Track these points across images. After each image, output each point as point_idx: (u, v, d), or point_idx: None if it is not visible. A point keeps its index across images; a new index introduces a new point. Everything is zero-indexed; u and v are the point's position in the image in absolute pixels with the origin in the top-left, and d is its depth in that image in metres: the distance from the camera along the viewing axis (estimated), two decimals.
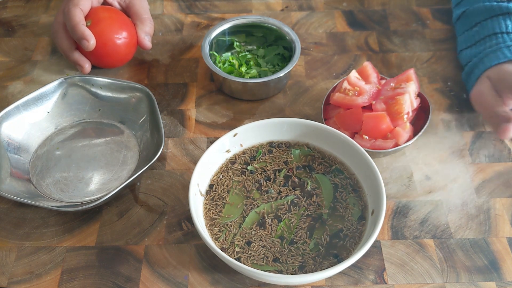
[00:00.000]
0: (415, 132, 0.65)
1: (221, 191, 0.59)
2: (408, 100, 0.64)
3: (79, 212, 0.61)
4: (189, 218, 0.61)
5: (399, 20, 0.85)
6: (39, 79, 0.76)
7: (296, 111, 0.72)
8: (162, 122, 0.65)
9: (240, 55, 0.77)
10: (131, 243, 0.59)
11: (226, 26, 0.76)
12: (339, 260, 0.53)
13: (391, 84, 0.67)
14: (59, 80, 0.68)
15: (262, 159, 0.62)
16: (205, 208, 0.57)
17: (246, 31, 0.78)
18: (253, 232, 0.55)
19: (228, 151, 0.61)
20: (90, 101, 0.70)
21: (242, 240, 0.55)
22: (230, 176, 0.60)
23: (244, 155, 0.62)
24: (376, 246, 0.58)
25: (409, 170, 0.65)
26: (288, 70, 0.70)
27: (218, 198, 0.58)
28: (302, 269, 0.52)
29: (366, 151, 0.59)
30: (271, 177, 0.60)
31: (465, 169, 0.65)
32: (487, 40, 0.68)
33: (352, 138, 0.61)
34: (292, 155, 0.62)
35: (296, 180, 0.59)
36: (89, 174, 0.64)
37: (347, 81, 0.67)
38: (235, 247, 0.54)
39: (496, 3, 0.68)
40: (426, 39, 0.81)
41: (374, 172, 0.56)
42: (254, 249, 0.54)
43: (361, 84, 0.67)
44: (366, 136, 0.63)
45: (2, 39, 0.83)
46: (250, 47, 0.79)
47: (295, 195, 0.58)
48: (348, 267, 0.51)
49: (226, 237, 0.55)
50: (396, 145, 0.62)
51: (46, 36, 0.83)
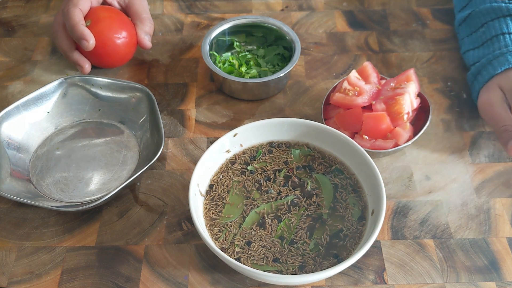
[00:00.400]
0: (415, 132, 0.65)
1: (221, 191, 0.59)
2: (408, 100, 0.64)
3: (79, 212, 0.61)
4: (189, 218, 0.61)
5: (399, 20, 0.85)
6: (39, 79, 0.76)
7: (296, 111, 0.72)
8: (162, 122, 0.65)
9: (240, 55, 0.77)
10: (131, 243, 0.59)
11: (226, 26, 0.76)
12: (339, 260, 0.53)
13: (391, 84, 0.67)
14: (59, 80, 0.68)
15: (262, 159, 0.62)
16: (205, 208, 0.57)
17: (246, 31, 0.78)
18: (253, 232, 0.55)
19: (228, 151, 0.61)
20: (90, 101, 0.70)
21: (242, 240, 0.55)
22: (230, 176, 0.60)
23: (244, 155, 0.62)
24: (376, 246, 0.58)
25: (409, 170, 0.65)
26: (288, 70, 0.70)
27: (218, 198, 0.58)
28: (302, 269, 0.52)
29: (366, 151, 0.59)
30: (271, 177, 0.60)
31: (465, 169, 0.65)
32: (494, 41, 0.67)
33: (352, 138, 0.61)
34: (292, 155, 0.62)
35: (296, 180, 0.59)
36: (89, 174, 0.64)
37: (347, 81, 0.67)
38: (235, 247, 0.54)
39: (504, 4, 0.68)
40: (426, 39, 0.81)
41: (374, 172, 0.56)
42: (254, 249, 0.54)
43: (361, 84, 0.67)
44: (366, 136, 0.63)
45: (2, 39, 0.83)
46: (250, 47, 0.79)
47: (295, 195, 0.58)
48: (348, 267, 0.51)
49: (226, 237, 0.55)
50: (396, 145, 0.62)
51: (46, 36, 0.83)
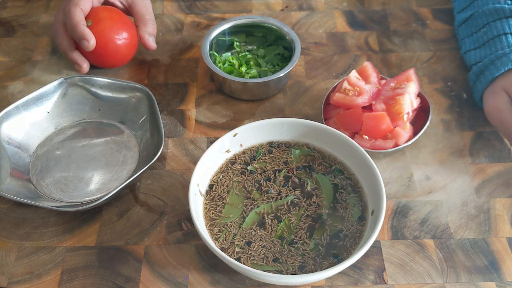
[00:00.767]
0: (415, 132, 0.65)
1: (221, 191, 0.59)
2: (408, 100, 0.64)
3: (79, 212, 0.61)
4: (189, 218, 0.61)
5: (399, 20, 0.85)
6: (39, 79, 0.76)
7: (296, 111, 0.72)
8: (162, 122, 0.65)
9: (240, 55, 0.77)
10: (131, 243, 0.59)
11: (226, 26, 0.76)
12: (339, 260, 0.53)
13: (391, 84, 0.67)
14: (59, 80, 0.68)
15: (262, 159, 0.62)
16: (205, 208, 0.57)
17: (246, 31, 0.78)
18: (253, 232, 0.55)
19: (228, 151, 0.61)
20: (90, 101, 0.70)
21: (242, 240, 0.55)
22: (230, 176, 0.60)
23: (244, 155, 0.62)
24: (376, 246, 0.58)
25: (409, 170, 0.65)
26: (288, 70, 0.70)
27: (218, 199, 0.58)
28: (302, 269, 0.52)
29: (366, 151, 0.59)
30: (271, 177, 0.60)
31: (465, 169, 0.65)
32: (496, 41, 0.67)
33: (352, 138, 0.61)
34: (292, 155, 0.62)
35: (296, 180, 0.59)
36: (89, 174, 0.64)
37: (347, 81, 0.67)
38: (235, 247, 0.54)
39: (507, 6, 0.68)
40: (426, 39, 0.81)
41: (374, 172, 0.56)
42: (254, 249, 0.54)
43: (361, 84, 0.67)
44: (366, 136, 0.63)
45: (2, 39, 0.83)
46: (250, 47, 0.79)
47: (295, 195, 0.58)
48: (348, 267, 0.51)
49: (226, 237, 0.55)
50: (396, 145, 0.62)
51: (46, 36, 0.83)
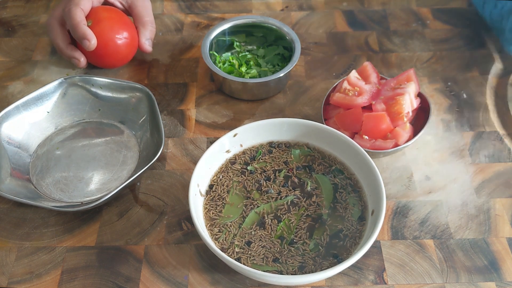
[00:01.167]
0: (415, 132, 0.65)
1: (221, 191, 0.59)
2: (408, 100, 0.64)
3: (79, 212, 0.61)
4: (189, 218, 0.61)
5: (399, 20, 0.85)
6: (39, 79, 0.76)
7: (296, 111, 0.72)
8: (162, 122, 0.65)
9: (240, 55, 0.77)
10: (131, 243, 0.59)
11: (226, 26, 0.76)
12: (339, 260, 0.53)
13: (391, 84, 0.67)
14: (59, 80, 0.68)
15: (262, 159, 0.62)
16: (205, 208, 0.57)
17: (246, 31, 0.78)
18: (253, 232, 0.55)
19: (228, 151, 0.61)
20: (90, 101, 0.70)
21: (242, 240, 0.55)
22: (230, 176, 0.60)
23: (244, 155, 0.62)
24: (376, 246, 0.58)
25: (409, 170, 0.65)
26: (288, 70, 0.70)
27: (218, 199, 0.58)
28: (302, 269, 0.52)
29: (366, 151, 0.59)
30: (271, 177, 0.60)
31: (465, 169, 0.65)
32: None
33: (352, 138, 0.61)
34: (292, 155, 0.62)
35: (296, 180, 0.59)
36: (89, 174, 0.64)
37: (347, 81, 0.67)
38: (235, 248, 0.54)
39: None
40: (426, 39, 0.81)
41: (374, 172, 0.56)
42: (254, 249, 0.54)
43: (361, 84, 0.67)
44: (366, 136, 0.63)
45: (2, 39, 0.83)
46: (250, 47, 0.79)
47: (295, 195, 0.58)
48: (348, 268, 0.51)
49: (226, 237, 0.55)
50: (396, 145, 0.62)
51: (46, 36, 0.83)
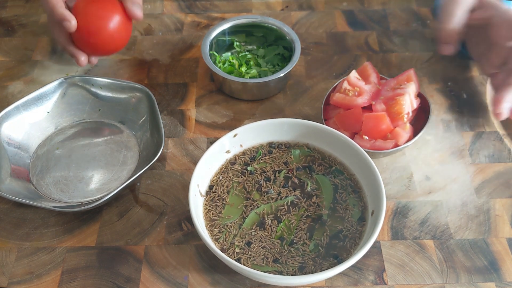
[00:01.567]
0: (415, 132, 0.65)
1: (221, 192, 0.59)
2: (408, 100, 0.64)
3: (79, 213, 0.61)
4: (189, 218, 0.61)
5: (399, 20, 0.84)
6: (39, 79, 0.76)
7: (296, 111, 0.72)
8: (162, 122, 0.65)
9: (240, 55, 0.77)
10: (131, 243, 0.59)
11: (226, 26, 0.76)
12: (339, 261, 0.53)
13: (391, 84, 0.67)
14: (59, 80, 0.68)
15: (262, 159, 0.62)
16: (205, 209, 0.57)
17: (246, 31, 0.78)
18: (253, 233, 0.55)
19: (228, 152, 0.61)
20: (90, 101, 0.70)
21: (242, 241, 0.55)
22: (230, 177, 0.60)
23: (244, 156, 0.62)
24: (376, 246, 0.58)
25: (409, 171, 0.65)
26: (288, 70, 0.70)
27: (218, 199, 0.58)
28: (302, 270, 0.52)
29: (366, 151, 0.59)
30: (271, 178, 0.60)
31: (465, 169, 0.65)
32: None
33: (352, 139, 0.61)
34: (292, 156, 0.62)
35: (296, 180, 0.59)
36: (89, 174, 0.64)
37: (347, 81, 0.67)
38: (235, 248, 0.54)
39: None
40: (426, 39, 0.81)
41: (374, 173, 0.56)
42: (254, 249, 0.54)
43: (361, 84, 0.67)
44: (366, 137, 0.63)
45: (2, 39, 0.83)
46: (250, 47, 0.79)
47: (295, 195, 0.58)
48: (348, 268, 0.51)
49: (226, 238, 0.55)
50: (396, 145, 0.62)
51: (46, 36, 0.83)
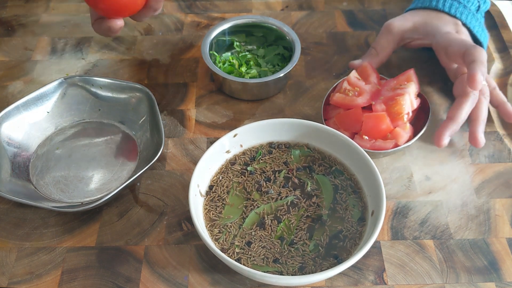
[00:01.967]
0: (415, 132, 0.65)
1: (221, 192, 0.59)
2: (408, 100, 0.64)
3: (79, 213, 0.61)
4: (189, 219, 0.61)
5: None
6: (39, 79, 0.76)
7: (296, 111, 0.72)
8: (162, 122, 0.65)
9: (240, 55, 0.77)
10: (131, 244, 0.59)
11: (226, 26, 0.76)
12: (339, 261, 0.53)
13: (391, 84, 0.67)
14: (59, 80, 0.68)
15: (262, 159, 0.62)
16: (205, 209, 0.57)
17: (246, 31, 0.78)
18: (253, 233, 0.55)
19: (228, 152, 0.61)
20: (90, 101, 0.70)
21: (242, 241, 0.55)
22: (230, 177, 0.60)
23: (244, 156, 0.62)
24: (376, 246, 0.58)
25: (409, 171, 0.65)
26: (288, 70, 0.70)
27: (218, 199, 0.58)
28: (302, 270, 0.52)
29: (366, 151, 0.59)
30: (271, 178, 0.60)
31: (465, 169, 0.65)
32: None
33: (352, 139, 0.61)
34: (292, 156, 0.62)
35: (296, 181, 0.59)
36: (89, 174, 0.64)
37: (347, 81, 0.67)
38: (235, 248, 0.54)
39: None
40: None
41: (374, 173, 0.56)
42: (254, 249, 0.54)
43: (361, 84, 0.67)
44: (366, 137, 0.63)
45: (2, 38, 0.83)
46: (250, 47, 0.79)
47: (295, 196, 0.58)
48: (348, 268, 0.51)
49: (226, 238, 0.55)
50: (396, 145, 0.62)
51: (46, 36, 0.83)
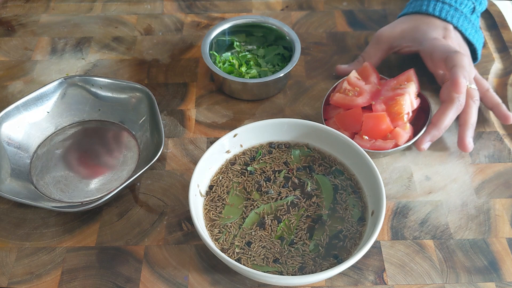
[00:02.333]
0: (415, 132, 0.65)
1: (220, 192, 0.59)
2: (408, 100, 0.64)
3: (79, 213, 0.61)
4: (189, 219, 0.61)
5: None
6: (39, 79, 0.76)
7: (296, 111, 0.72)
8: (162, 122, 0.65)
9: (240, 55, 0.77)
10: (131, 244, 0.59)
11: (226, 26, 0.76)
12: (339, 261, 0.53)
13: (391, 84, 0.67)
14: (59, 80, 0.68)
15: (262, 159, 0.62)
16: (205, 209, 0.57)
17: (246, 31, 0.78)
18: (253, 233, 0.55)
19: (228, 152, 0.61)
20: (90, 101, 0.70)
21: (242, 241, 0.55)
22: (230, 177, 0.60)
23: (244, 156, 0.62)
24: (376, 246, 0.58)
25: (409, 171, 0.65)
26: (288, 70, 0.70)
27: (218, 199, 0.58)
28: (302, 270, 0.52)
29: (366, 151, 0.59)
30: (271, 178, 0.60)
31: (465, 169, 0.65)
32: None
33: (352, 139, 0.61)
34: (292, 156, 0.62)
35: (296, 181, 0.59)
36: (89, 174, 0.64)
37: (347, 81, 0.67)
38: (235, 248, 0.54)
39: None
40: None
41: (374, 173, 0.56)
42: (254, 249, 0.54)
43: (361, 84, 0.67)
44: (366, 137, 0.63)
45: (2, 38, 0.83)
46: (250, 47, 0.79)
47: (295, 195, 0.58)
48: (348, 268, 0.51)
49: (226, 238, 0.55)
50: (396, 145, 0.62)
51: (46, 36, 0.83)
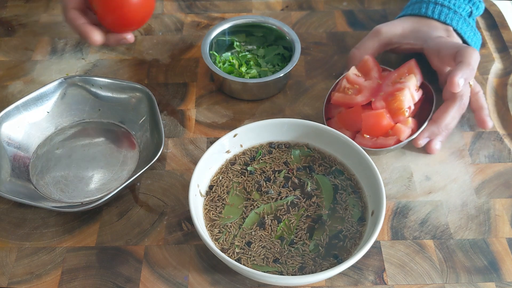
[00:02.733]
0: (420, 123, 0.64)
1: (220, 192, 0.59)
2: (408, 95, 0.63)
3: (79, 213, 0.61)
4: (189, 219, 0.61)
5: None
6: (39, 79, 0.76)
7: (296, 111, 0.72)
8: (162, 122, 0.65)
9: (240, 55, 0.77)
10: (131, 244, 0.59)
11: (226, 26, 0.76)
12: (339, 261, 0.53)
13: (392, 77, 0.66)
14: (59, 80, 0.68)
15: (262, 159, 0.62)
16: (205, 209, 0.57)
17: (246, 31, 0.78)
18: (253, 233, 0.55)
19: (228, 152, 0.61)
20: (90, 101, 0.70)
21: (242, 241, 0.55)
22: (230, 177, 0.60)
23: (244, 156, 0.62)
24: (376, 246, 0.58)
25: (409, 171, 0.65)
26: (288, 70, 0.70)
27: (218, 199, 0.58)
28: (302, 270, 0.52)
29: (369, 150, 0.58)
30: (271, 178, 0.60)
31: (465, 169, 0.65)
32: None
33: (354, 137, 0.61)
34: (292, 156, 0.62)
35: (296, 181, 0.59)
36: (89, 174, 0.64)
37: (346, 79, 0.67)
38: (235, 248, 0.54)
39: None
40: None
41: (374, 173, 0.56)
42: (254, 249, 0.54)
43: (360, 81, 0.66)
44: (367, 135, 0.63)
45: (2, 39, 0.83)
46: (250, 47, 0.79)
47: (295, 195, 0.58)
48: (348, 268, 0.51)
49: (226, 238, 0.55)
50: (398, 141, 0.62)
51: (46, 36, 0.83)
